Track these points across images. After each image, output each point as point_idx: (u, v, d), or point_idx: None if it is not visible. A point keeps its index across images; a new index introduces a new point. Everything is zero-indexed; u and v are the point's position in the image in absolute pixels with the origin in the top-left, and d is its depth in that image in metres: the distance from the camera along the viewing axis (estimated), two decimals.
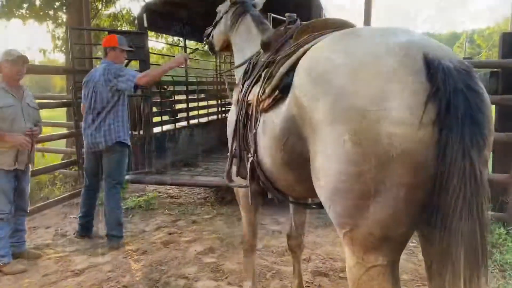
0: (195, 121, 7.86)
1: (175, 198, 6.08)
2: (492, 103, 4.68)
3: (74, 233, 4.48)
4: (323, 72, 1.46)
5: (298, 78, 1.66)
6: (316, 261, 3.80)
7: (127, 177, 5.79)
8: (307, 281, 3.37)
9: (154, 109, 6.96)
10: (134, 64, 6.75)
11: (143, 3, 5.97)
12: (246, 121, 2.31)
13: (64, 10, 7.15)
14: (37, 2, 7.49)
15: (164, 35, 10.53)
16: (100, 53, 11.06)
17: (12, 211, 3.69)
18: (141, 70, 5.67)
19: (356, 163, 1.32)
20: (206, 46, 3.59)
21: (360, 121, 1.29)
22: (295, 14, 2.61)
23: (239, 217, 4.96)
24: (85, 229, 4.39)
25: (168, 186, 6.47)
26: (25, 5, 6.83)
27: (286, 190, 2.19)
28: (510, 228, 4.08)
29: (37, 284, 3.41)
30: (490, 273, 3.48)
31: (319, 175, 1.51)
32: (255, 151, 2.15)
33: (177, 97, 7.81)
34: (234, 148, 2.48)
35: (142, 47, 5.51)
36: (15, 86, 3.70)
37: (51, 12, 7.85)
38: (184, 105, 7.82)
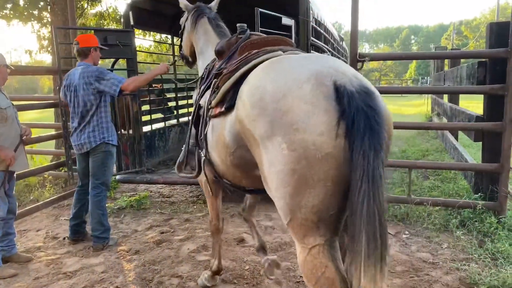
0: (185, 119, 7.81)
1: (167, 197, 6.04)
2: (481, 93, 4.73)
3: (64, 238, 4.41)
4: (260, 99, 1.84)
5: (240, 102, 2.03)
6: None
7: (117, 177, 5.75)
8: (298, 281, 3.37)
9: (147, 107, 6.91)
10: (122, 62, 6.69)
11: (129, 1, 5.89)
12: (197, 122, 2.75)
13: (49, 10, 7.03)
14: (21, 2, 7.36)
15: (151, 32, 10.43)
16: None
17: (5, 215, 3.68)
18: (128, 68, 5.64)
19: (292, 164, 1.70)
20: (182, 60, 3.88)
21: (294, 133, 1.69)
22: (246, 25, 2.95)
23: (233, 214, 4.97)
24: (77, 233, 4.31)
25: (159, 185, 6.44)
26: (8, 5, 6.72)
27: (234, 182, 2.57)
28: (501, 217, 4.12)
29: (28, 287, 3.37)
30: (482, 261, 3.51)
31: (267, 178, 1.85)
32: (206, 150, 2.58)
33: (166, 95, 7.75)
34: (190, 144, 2.94)
35: (129, 45, 5.45)
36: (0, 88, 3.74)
37: (35, 12, 7.72)
38: (173, 103, 7.75)
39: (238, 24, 2.95)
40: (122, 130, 5.67)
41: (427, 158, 7.90)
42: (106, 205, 4.35)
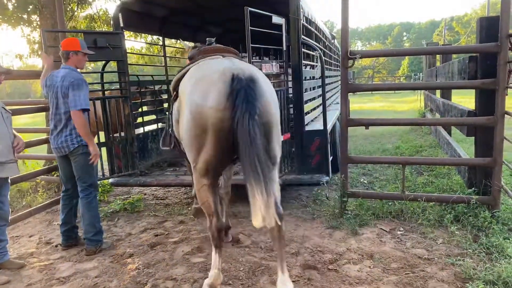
0: None
1: (161, 199, 6.00)
2: (472, 88, 4.73)
3: (56, 246, 4.35)
4: (186, 83, 3.04)
5: (182, 83, 3.20)
6: (304, 254, 3.79)
7: (110, 180, 5.71)
8: (296, 275, 3.35)
9: (145, 109, 6.86)
10: (114, 64, 6.63)
11: (118, 3, 5.84)
12: (169, 105, 3.86)
13: (38, 14, 6.97)
14: (10, 6, 7.29)
15: (143, 34, 10.38)
16: None
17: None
18: (119, 71, 5.60)
19: (193, 130, 2.76)
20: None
21: (195, 107, 2.72)
22: (214, 39, 4.02)
23: (228, 214, 4.93)
24: (69, 239, 4.26)
25: (153, 188, 6.40)
26: None
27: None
28: (494, 211, 4.12)
29: None
30: (477, 256, 3.52)
31: (182, 139, 3.11)
32: (172, 127, 3.66)
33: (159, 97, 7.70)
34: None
35: (119, 47, 5.41)
36: None
37: (24, 16, 7.64)
38: (166, 105, 7.71)
39: (207, 38, 3.99)
40: (114, 133, 5.61)
41: (421, 154, 7.92)
42: (99, 208, 4.31)
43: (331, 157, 5.50)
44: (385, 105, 21.83)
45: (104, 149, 5.26)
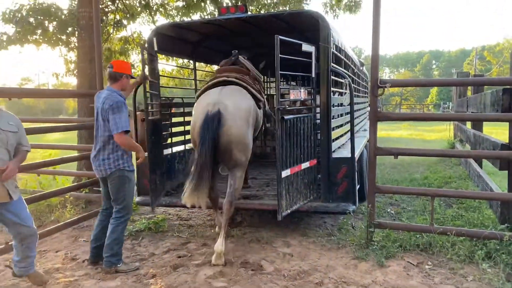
0: None
1: (185, 220, 6.03)
2: (506, 121, 4.62)
3: (84, 261, 4.41)
4: (194, 108, 4.81)
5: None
6: (329, 285, 3.71)
7: (137, 199, 5.78)
8: None
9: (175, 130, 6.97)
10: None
11: (153, 27, 6.04)
12: None
13: (76, 35, 7.28)
14: (50, 28, 7.64)
15: (174, 57, 10.64)
16: None
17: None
18: (151, 91, 5.75)
19: (191, 133, 4.68)
20: None
21: (194, 121, 4.55)
22: (237, 51, 5.42)
23: (251, 239, 4.91)
24: (97, 256, 4.28)
25: (178, 208, 6.44)
26: (38, 31, 6.98)
27: None
28: None
29: None
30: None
31: None
32: None
33: (187, 118, 7.80)
34: None
35: (153, 69, 5.56)
36: None
37: (63, 37, 7.98)
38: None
39: (233, 51, 5.34)
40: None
41: (450, 185, 7.71)
42: (125, 231, 4.33)
43: (358, 186, 5.42)
44: (412, 133, 21.48)
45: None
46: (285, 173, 4.55)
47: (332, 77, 5.09)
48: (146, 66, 5.40)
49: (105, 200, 4.34)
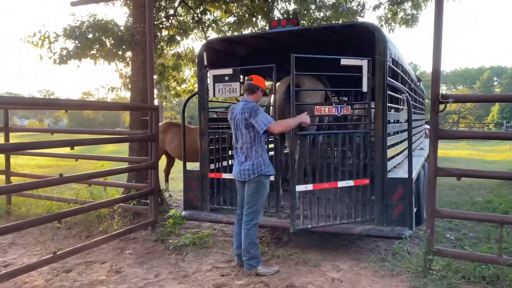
0: None
1: (230, 236, 5.88)
2: None
3: (235, 266, 4.58)
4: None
5: None
6: None
7: (183, 213, 5.75)
8: None
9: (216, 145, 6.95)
10: (195, 100, 6.82)
11: (204, 42, 6.07)
12: None
13: (131, 50, 7.46)
14: (107, 43, 7.89)
15: None
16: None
17: None
18: (200, 105, 5.73)
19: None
20: None
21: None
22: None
23: (297, 261, 4.67)
24: (242, 261, 4.44)
25: (223, 224, 6.31)
26: (95, 46, 7.22)
27: None
28: None
29: None
30: None
31: None
32: None
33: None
34: None
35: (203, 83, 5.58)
36: None
37: (119, 53, 8.22)
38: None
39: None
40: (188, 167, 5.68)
41: None
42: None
43: (415, 209, 5.04)
44: (472, 153, 20.22)
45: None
46: (302, 187, 4.68)
47: (388, 92, 4.81)
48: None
49: (240, 205, 4.61)
